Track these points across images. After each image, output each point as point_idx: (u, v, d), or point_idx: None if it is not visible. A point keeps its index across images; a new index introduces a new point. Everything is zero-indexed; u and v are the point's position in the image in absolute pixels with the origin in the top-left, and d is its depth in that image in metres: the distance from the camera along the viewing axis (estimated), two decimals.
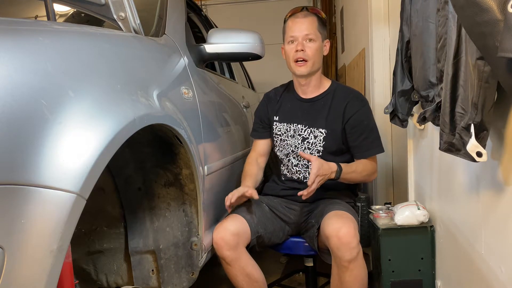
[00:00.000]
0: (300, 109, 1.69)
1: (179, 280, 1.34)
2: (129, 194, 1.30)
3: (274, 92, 1.81)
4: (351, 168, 1.56)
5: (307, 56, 1.58)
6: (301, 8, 1.66)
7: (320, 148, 1.63)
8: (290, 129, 1.68)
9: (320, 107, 1.66)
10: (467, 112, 0.92)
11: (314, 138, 1.64)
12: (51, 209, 0.69)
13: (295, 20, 1.62)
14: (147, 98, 1.05)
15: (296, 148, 1.66)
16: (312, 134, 1.64)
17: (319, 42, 1.60)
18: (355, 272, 1.36)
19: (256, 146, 1.79)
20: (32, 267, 0.68)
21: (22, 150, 0.67)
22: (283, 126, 1.71)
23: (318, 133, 1.64)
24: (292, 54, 1.60)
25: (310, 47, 1.58)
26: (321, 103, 1.67)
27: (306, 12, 1.63)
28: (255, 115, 1.83)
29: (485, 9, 0.69)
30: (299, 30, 1.59)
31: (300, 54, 1.58)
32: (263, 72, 3.98)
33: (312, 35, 1.58)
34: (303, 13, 1.63)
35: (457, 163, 1.20)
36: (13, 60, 0.71)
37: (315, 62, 1.60)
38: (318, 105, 1.67)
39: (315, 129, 1.64)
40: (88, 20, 1.70)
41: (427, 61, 1.27)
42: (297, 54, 1.58)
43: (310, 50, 1.58)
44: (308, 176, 1.66)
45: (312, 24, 1.60)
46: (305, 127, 1.66)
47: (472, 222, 1.14)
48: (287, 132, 1.69)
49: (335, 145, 1.63)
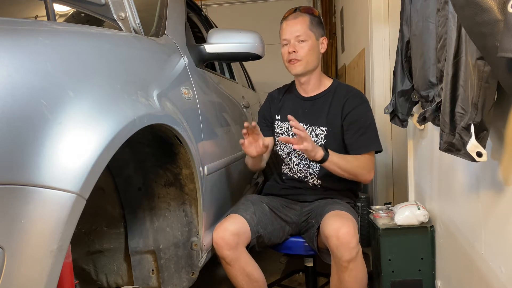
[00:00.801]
0: (301, 108, 1.70)
1: (179, 280, 1.34)
2: (129, 194, 1.30)
3: (277, 92, 1.83)
4: (340, 155, 1.54)
5: (299, 56, 1.60)
6: (293, 9, 1.68)
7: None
8: (291, 128, 1.68)
9: (321, 105, 1.67)
10: (467, 112, 0.92)
11: (315, 136, 1.64)
12: (51, 209, 0.69)
13: (287, 22, 1.64)
14: (147, 98, 1.05)
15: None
16: (314, 132, 1.65)
17: (312, 41, 1.61)
18: (354, 272, 1.36)
19: None
20: (32, 267, 0.68)
21: (22, 150, 0.67)
22: (284, 125, 1.72)
23: (319, 131, 1.64)
24: (285, 56, 1.64)
25: (302, 47, 1.60)
26: (321, 101, 1.67)
27: (298, 13, 1.65)
28: (259, 114, 1.85)
29: (485, 9, 0.69)
30: (290, 32, 1.62)
31: (292, 55, 1.61)
32: (263, 72, 3.98)
33: (303, 36, 1.60)
34: (294, 14, 1.65)
35: (457, 163, 1.20)
36: (13, 60, 0.71)
37: (309, 61, 1.62)
38: (319, 103, 1.68)
39: (316, 127, 1.65)
40: (88, 20, 1.70)
41: (427, 61, 1.27)
42: (290, 55, 1.62)
43: (302, 50, 1.60)
44: (308, 176, 1.67)
45: (303, 24, 1.61)
46: (307, 125, 1.66)
47: (472, 222, 1.14)
48: (288, 130, 1.70)
49: (336, 143, 1.63)
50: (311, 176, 1.67)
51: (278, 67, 2.28)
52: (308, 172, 1.67)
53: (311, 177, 1.67)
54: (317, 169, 1.66)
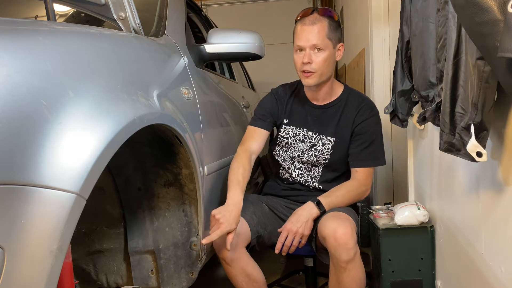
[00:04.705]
0: (310, 115, 1.64)
1: (179, 280, 1.33)
2: (129, 194, 1.30)
3: (282, 91, 1.71)
4: (333, 194, 1.53)
5: (314, 68, 1.49)
6: (311, 10, 1.53)
7: (327, 156, 1.61)
8: (299, 134, 1.64)
9: (331, 114, 1.61)
10: (467, 112, 0.92)
11: (322, 145, 1.61)
12: (51, 209, 0.69)
13: (303, 27, 1.50)
14: (147, 98, 1.05)
15: (302, 153, 1.64)
16: (321, 141, 1.61)
17: (329, 50, 1.50)
18: (352, 273, 1.36)
19: (257, 136, 1.64)
20: (32, 267, 0.68)
21: (22, 150, 0.67)
22: (291, 130, 1.65)
23: (326, 141, 1.61)
24: (299, 65, 1.52)
25: (318, 58, 1.48)
26: (332, 111, 1.62)
27: (316, 16, 1.50)
28: (260, 106, 1.70)
29: (485, 9, 0.69)
30: (306, 39, 1.48)
31: (306, 66, 1.49)
32: (263, 72, 3.97)
33: (320, 45, 1.48)
34: (311, 18, 1.50)
35: (457, 163, 1.20)
36: (13, 60, 0.71)
37: (324, 73, 1.52)
38: (330, 113, 1.62)
39: (324, 136, 1.61)
40: (88, 20, 1.70)
41: (427, 61, 1.27)
42: (304, 66, 1.50)
43: (318, 62, 1.49)
44: (309, 180, 1.66)
45: (321, 31, 1.48)
46: (315, 134, 1.62)
47: (472, 222, 1.14)
48: (295, 136, 1.65)
49: (343, 155, 1.60)
50: (313, 180, 1.66)
51: (278, 67, 2.28)
52: (310, 177, 1.66)
53: (312, 181, 1.66)
54: (318, 174, 1.65)
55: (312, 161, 1.63)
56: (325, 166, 1.63)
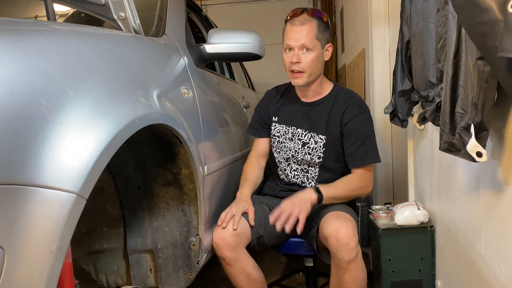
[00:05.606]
0: (300, 113, 1.66)
1: (177, 279, 1.34)
2: (128, 194, 1.30)
3: (275, 91, 1.76)
4: (333, 186, 1.54)
5: (302, 68, 1.52)
6: (300, 10, 1.56)
7: (321, 154, 1.62)
8: (288, 132, 1.66)
9: (320, 111, 1.63)
10: (467, 112, 0.92)
11: (314, 143, 1.62)
12: (51, 209, 0.69)
13: (292, 27, 1.53)
14: (147, 98, 1.05)
15: (296, 153, 1.65)
16: (313, 139, 1.62)
17: (317, 50, 1.53)
18: (354, 273, 1.36)
19: (257, 145, 1.76)
20: (32, 267, 0.68)
21: (22, 150, 0.67)
22: (282, 128, 1.69)
23: (318, 139, 1.61)
24: (288, 64, 1.55)
25: (306, 57, 1.51)
26: (321, 108, 1.63)
27: (305, 16, 1.53)
28: (256, 111, 1.79)
29: (485, 9, 0.69)
30: (295, 39, 1.51)
31: (295, 66, 1.52)
32: (263, 72, 3.97)
33: (309, 45, 1.50)
34: (300, 18, 1.53)
35: (457, 163, 1.20)
36: (13, 60, 0.71)
37: (312, 73, 1.54)
38: (319, 110, 1.63)
39: (315, 134, 1.62)
40: (88, 20, 1.70)
41: (427, 61, 1.27)
42: (292, 65, 1.53)
43: (306, 62, 1.51)
44: (306, 181, 1.66)
45: (310, 32, 1.51)
46: (306, 131, 1.63)
47: (472, 222, 1.14)
48: (285, 134, 1.67)
49: (335, 152, 1.61)
50: (309, 181, 1.66)
51: (278, 67, 2.27)
52: (306, 177, 1.66)
53: (309, 182, 1.66)
54: (315, 174, 1.65)
55: (307, 160, 1.63)
56: (320, 166, 1.64)
